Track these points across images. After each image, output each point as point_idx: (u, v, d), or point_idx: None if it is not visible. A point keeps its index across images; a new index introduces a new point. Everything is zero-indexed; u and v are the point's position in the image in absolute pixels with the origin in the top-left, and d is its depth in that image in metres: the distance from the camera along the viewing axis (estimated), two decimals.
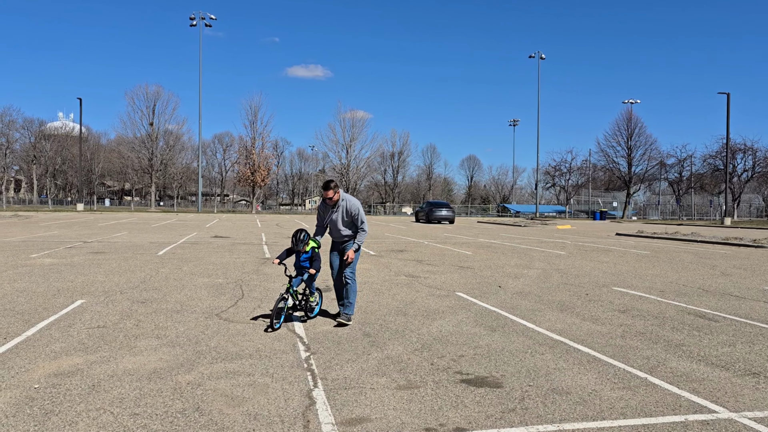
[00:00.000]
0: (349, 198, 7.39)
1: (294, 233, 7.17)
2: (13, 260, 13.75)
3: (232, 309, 8.21)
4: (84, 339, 6.40)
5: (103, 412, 4.29)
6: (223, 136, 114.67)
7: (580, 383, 5.14)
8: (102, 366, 5.42)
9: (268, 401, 4.56)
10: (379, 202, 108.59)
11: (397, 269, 13.26)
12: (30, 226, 30.10)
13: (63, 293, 9.23)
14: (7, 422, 4.08)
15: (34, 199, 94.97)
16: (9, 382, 4.91)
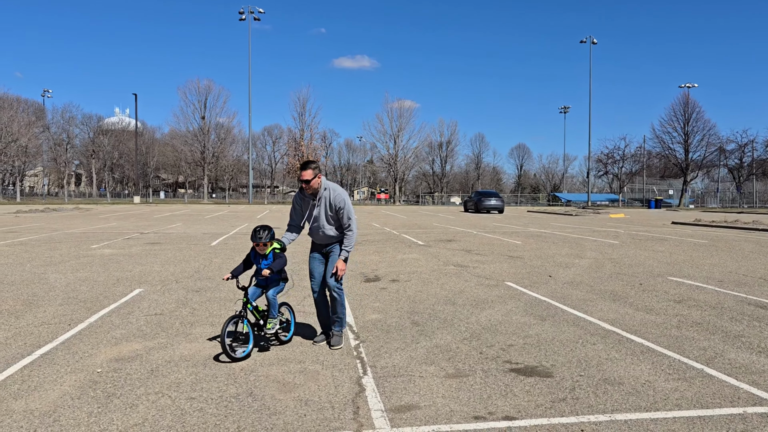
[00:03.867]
0: (333, 187, 5.87)
1: (254, 229, 5.74)
2: (75, 251, 14.34)
3: (282, 297, 8.35)
4: (142, 326, 6.64)
5: (161, 396, 4.45)
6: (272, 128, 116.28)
7: (633, 374, 5.04)
8: (160, 352, 5.62)
9: (318, 388, 4.65)
10: (427, 192, 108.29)
11: (445, 259, 13.23)
12: (90, 218, 31.29)
13: (122, 282, 9.58)
14: (73, 404, 4.28)
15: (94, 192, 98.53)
16: (74, 366, 5.15)
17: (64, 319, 6.93)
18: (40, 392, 4.51)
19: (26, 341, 5.95)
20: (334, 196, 5.79)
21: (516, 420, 4.02)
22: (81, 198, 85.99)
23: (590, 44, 73.06)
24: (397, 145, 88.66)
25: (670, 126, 74.02)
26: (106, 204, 64.15)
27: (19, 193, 76.79)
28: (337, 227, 5.88)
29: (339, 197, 5.78)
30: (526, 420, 4.02)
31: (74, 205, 54.43)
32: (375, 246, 16.26)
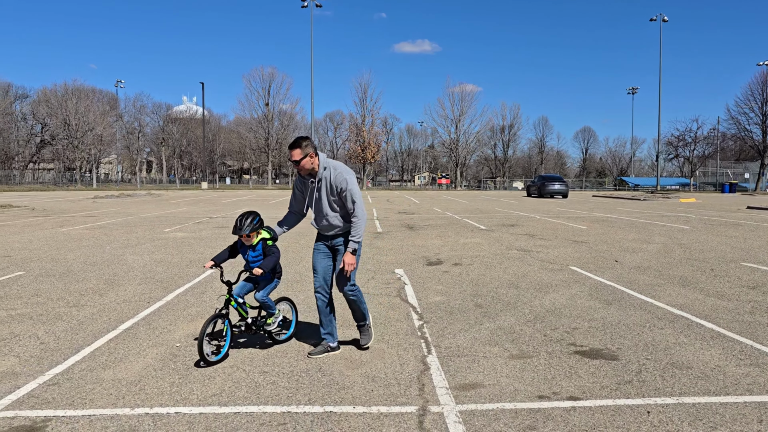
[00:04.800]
0: (334, 165, 5.03)
1: (239, 216, 5.06)
2: (150, 234, 15.04)
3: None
4: (216, 304, 6.96)
5: (236, 369, 4.70)
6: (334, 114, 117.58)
7: (703, 358, 4.95)
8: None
9: (384, 365, 4.79)
10: (489, 176, 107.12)
11: (508, 243, 13.16)
12: (161, 203, 32.59)
13: (194, 264, 10.02)
14: (156, 375, 4.58)
15: (164, 178, 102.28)
16: (155, 341, 5.48)
17: (143, 297, 7.34)
18: (126, 363, 4.84)
19: (110, 317, 6.35)
20: (335, 176, 4.96)
21: (580, 400, 4.04)
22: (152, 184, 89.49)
23: (660, 22, 70.16)
24: (458, 130, 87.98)
25: (746, 106, 70.47)
26: (175, 190, 66.57)
27: (96, 180, 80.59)
28: (343, 214, 5.04)
29: (340, 177, 4.95)
30: (590, 401, 4.04)
31: (146, 191, 56.75)
32: (437, 230, 16.32)
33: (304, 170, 4.97)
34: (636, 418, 3.75)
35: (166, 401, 4.04)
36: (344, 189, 4.93)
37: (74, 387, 4.31)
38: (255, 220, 4.97)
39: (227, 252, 5.16)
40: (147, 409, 3.90)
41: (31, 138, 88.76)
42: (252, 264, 5.06)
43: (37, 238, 13.88)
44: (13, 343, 5.40)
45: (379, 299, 7.23)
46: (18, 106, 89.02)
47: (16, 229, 16.45)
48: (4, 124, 76.51)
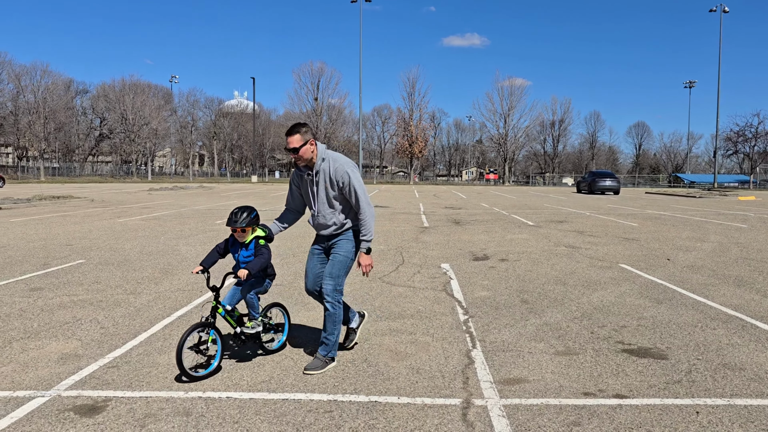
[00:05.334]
0: (334, 157, 4.57)
1: (235, 209, 4.63)
2: (202, 225, 15.46)
3: (394, 273, 8.63)
4: (273, 295, 7.13)
5: (284, 358, 4.83)
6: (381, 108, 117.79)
7: (757, 360, 4.82)
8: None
9: (429, 358, 4.84)
10: (538, 172, 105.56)
11: (556, 240, 13.00)
12: (213, 195, 33.39)
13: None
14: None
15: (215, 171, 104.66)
16: None
17: (195, 286, 7.59)
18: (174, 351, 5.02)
19: (165, 304, 6.59)
20: (335, 168, 4.50)
21: (627, 398, 4.01)
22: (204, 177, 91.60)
23: (721, 13, 67.63)
24: (507, 125, 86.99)
25: None
26: (226, 183, 68.02)
27: (150, 172, 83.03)
28: (343, 210, 4.61)
29: (341, 170, 4.49)
30: (637, 399, 4.00)
31: (198, 184, 58.16)
32: (484, 226, 16.24)
33: (302, 160, 4.50)
34: (684, 418, 3.70)
35: (218, 386, 4.19)
36: (346, 183, 4.49)
37: (132, 370, 4.51)
38: (252, 215, 4.57)
39: (216, 254, 4.67)
40: (200, 393, 4.05)
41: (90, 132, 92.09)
42: (243, 264, 4.61)
43: (96, 228, 14.45)
44: (75, 327, 5.68)
45: (424, 293, 7.28)
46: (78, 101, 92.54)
47: (77, 219, 17.15)
48: (65, 119, 79.57)
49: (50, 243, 11.61)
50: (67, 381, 4.27)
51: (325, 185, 4.54)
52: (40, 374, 4.38)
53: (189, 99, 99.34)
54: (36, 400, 3.90)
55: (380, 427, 3.53)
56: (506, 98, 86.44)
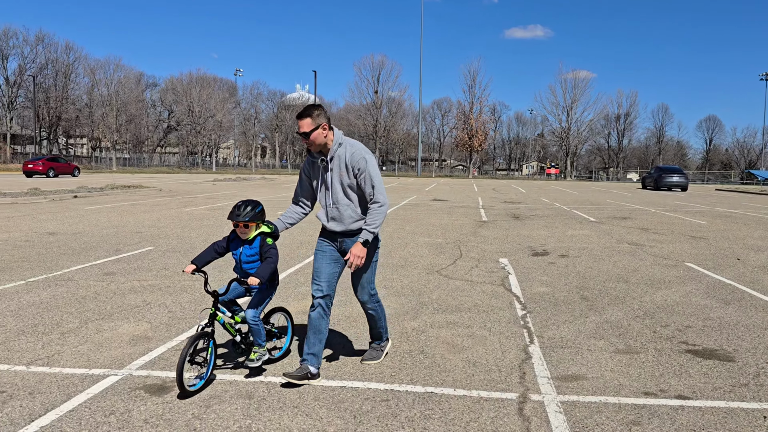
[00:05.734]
0: (351, 143, 4.21)
1: (239, 202, 4.20)
2: None
3: (451, 267, 8.63)
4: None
5: (342, 347, 4.93)
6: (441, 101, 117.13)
7: None
8: (340, 308, 6.16)
9: (485, 351, 4.84)
10: (601, 167, 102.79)
11: (619, 236, 12.69)
12: (274, 187, 34.09)
13: (304, 246, 10.48)
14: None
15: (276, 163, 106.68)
16: None
17: None
18: None
19: None
20: (351, 154, 4.14)
21: (690, 400, 3.91)
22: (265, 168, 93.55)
23: None
24: (570, 118, 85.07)
25: None
26: (287, 174, 69.29)
27: (215, 164, 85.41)
28: (360, 203, 4.21)
29: (358, 155, 4.13)
30: (701, 401, 3.89)
31: (260, 175, 59.49)
32: (544, 221, 15.99)
33: (314, 146, 4.11)
34: (750, 422, 3.58)
35: (279, 371, 4.33)
36: (362, 169, 4.10)
37: None
38: (258, 209, 4.14)
39: (212, 251, 4.19)
40: (261, 378, 4.20)
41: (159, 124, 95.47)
42: (245, 264, 4.18)
43: (164, 217, 15.03)
44: (145, 310, 5.96)
45: (482, 287, 7.26)
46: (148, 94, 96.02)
47: (146, 208, 17.87)
48: (136, 111, 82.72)
49: (121, 230, 12.15)
50: (138, 361, 4.49)
51: (340, 172, 4.15)
52: (114, 354, 4.62)
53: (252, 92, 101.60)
54: (110, 378, 4.13)
55: (436, 418, 3.58)
56: (569, 91, 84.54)
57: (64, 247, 9.85)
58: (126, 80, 79.86)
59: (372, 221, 4.10)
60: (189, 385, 3.84)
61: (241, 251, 4.19)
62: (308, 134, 4.05)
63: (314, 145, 4.11)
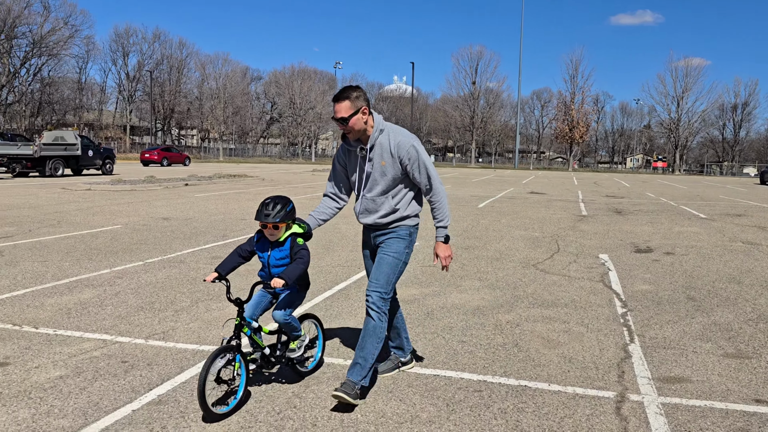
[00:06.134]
0: (394, 130, 3.76)
1: (266, 200, 3.67)
2: None
3: (548, 261, 8.47)
4: (418, 275, 7.36)
5: (436, 336, 4.99)
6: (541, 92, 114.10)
7: None
8: (434, 298, 6.21)
9: (582, 348, 4.74)
10: (714, 161, 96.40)
11: (731, 235, 11.92)
12: None
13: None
14: None
15: None
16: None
17: (354, 263, 8.01)
18: (340, 320, 5.38)
19: (327, 278, 7.05)
20: (398, 142, 3.67)
21: None
22: None
23: None
24: (680, 108, 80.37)
25: None
26: None
27: (314, 154, 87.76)
28: (398, 196, 3.77)
29: (405, 143, 3.66)
30: None
31: None
32: (648, 216, 15.28)
33: (353, 132, 3.66)
34: None
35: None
36: (413, 159, 3.66)
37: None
38: (289, 207, 3.64)
39: (237, 257, 3.75)
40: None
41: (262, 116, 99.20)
42: (275, 269, 3.71)
43: None
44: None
45: (580, 283, 7.08)
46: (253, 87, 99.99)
47: (250, 196, 18.70)
48: (242, 103, 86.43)
49: (228, 217, 12.81)
50: (245, 340, 4.75)
51: (382, 162, 3.69)
52: (222, 333, 4.91)
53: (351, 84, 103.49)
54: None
55: (529, 411, 3.56)
56: (680, 80, 79.81)
57: (177, 231, 10.52)
58: (233, 74, 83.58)
59: (442, 215, 3.80)
60: (216, 405, 3.40)
61: (269, 254, 3.71)
62: (346, 120, 3.60)
63: (353, 132, 3.66)
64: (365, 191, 3.78)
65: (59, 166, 28.63)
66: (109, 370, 4.08)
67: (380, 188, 3.72)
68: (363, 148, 3.73)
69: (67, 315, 5.35)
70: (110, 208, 14.24)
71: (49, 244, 9.01)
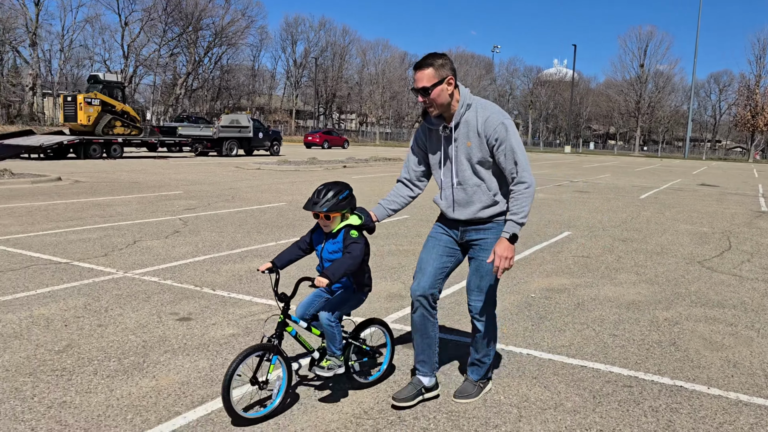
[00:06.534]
0: (483, 104, 3.21)
1: (320, 186, 3.29)
2: None
3: (717, 258, 7.84)
4: (570, 264, 7.17)
5: (585, 327, 4.87)
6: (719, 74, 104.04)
7: None
8: (585, 289, 6.04)
9: (750, 354, 4.39)
10: None
11: None
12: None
13: (552, 224, 10.35)
14: (511, 318, 5.05)
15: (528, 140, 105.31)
16: (512, 289, 5.98)
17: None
18: None
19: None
20: (485, 120, 3.14)
21: None
22: None
23: None
24: None
25: None
26: (538, 152, 68.14)
27: None
28: (495, 184, 3.23)
29: (494, 121, 3.13)
30: None
31: None
32: None
33: (436, 106, 3.15)
34: None
35: (519, 342, 4.45)
36: (501, 139, 3.12)
37: (446, 315, 5.05)
38: (342, 195, 3.24)
39: (296, 249, 3.41)
40: (502, 345, 4.36)
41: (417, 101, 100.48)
42: (328, 264, 3.32)
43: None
44: (400, 271, 6.52)
45: (752, 284, 6.49)
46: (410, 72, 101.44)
47: None
48: (399, 88, 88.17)
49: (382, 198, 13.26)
50: (394, 315, 4.99)
51: (469, 143, 3.19)
52: (373, 306, 5.18)
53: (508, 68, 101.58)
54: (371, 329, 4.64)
55: (684, 413, 3.39)
56: None
57: None
58: (391, 60, 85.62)
59: (519, 208, 3.10)
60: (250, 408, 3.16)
61: (323, 247, 3.35)
62: (428, 90, 3.08)
63: (435, 106, 3.15)
64: (450, 179, 3.28)
65: (234, 147, 31.32)
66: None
67: (468, 173, 3.22)
68: (446, 127, 3.23)
69: (239, 281, 5.93)
70: (276, 187, 15.37)
71: (224, 216, 9.97)
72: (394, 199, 3.53)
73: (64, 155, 24.36)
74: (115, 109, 26.80)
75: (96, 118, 25.86)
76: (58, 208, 10.31)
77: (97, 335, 4.32)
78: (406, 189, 3.53)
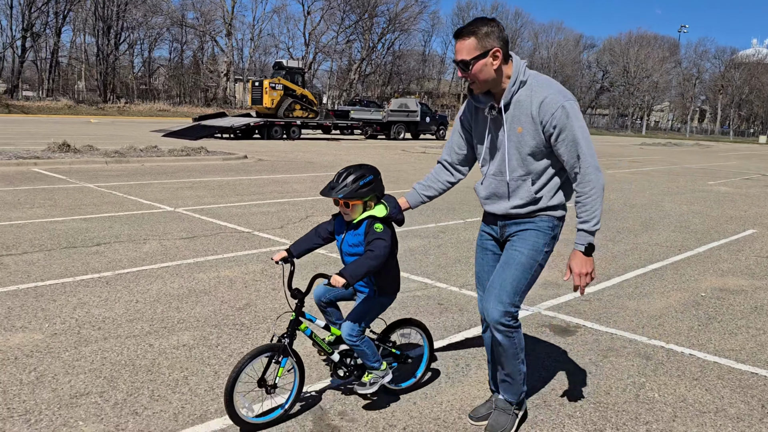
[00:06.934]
0: (541, 81, 2.63)
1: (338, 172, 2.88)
2: (692, 185, 14.76)
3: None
4: (751, 265, 6.59)
5: (761, 333, 4.49)
6: None
7: None
8: (766, 293, 5.53)
9: None
10: None
11: None
12: (709, 155, 30.93)
13: (735, 220, 9.50)
14: (676, 316, 4.79)
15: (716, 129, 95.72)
16: (680, 286, 5.66)
17: (674, 244, 7.50)
18: (649, 299, 5.20)
19: (641, 256, 6.78)
20: (542, 101, 2.57)
21: None
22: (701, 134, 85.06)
23: None
24: None
25: None
26: (726, 142, 61.83)
27: (645, 127, 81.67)
28: (540, 176, 2.71)
29: (553, 103, 2.55)
30: None
31: (694, 141, 54.56)
32: None
33: (479, 83, 2.61)
34: None
35: (682, 341, 4.24)
36: (561, 126, 2.56)
37: (602, 307, 4.93)
38: (364, 181, 2.81)
39: (315, 236, 3.04)
40: (663, 343, 4.19)
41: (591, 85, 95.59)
42: (348, 257, 2.96)
43: None
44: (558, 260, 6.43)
45: None
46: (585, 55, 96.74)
47: None
48: (571, 72, 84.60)
49: None
50: (547, 303, 4.97)
51: (520, 128, 2.64)
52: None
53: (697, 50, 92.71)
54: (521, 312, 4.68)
55: None
56: None
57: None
58: (565, 42, 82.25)
59: (590, 215, 2.60)
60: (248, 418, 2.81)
61: (343, 238, 2.98)
62: (468, 64, 2.55)
63: (478, 83, 2.62)
64: (494, 167, 2.79)
65: (401, 131, 32.22)
66: (428, 308, 4.70)
67: (515, 163, 2.70)
68: (494, 107, 2.68)
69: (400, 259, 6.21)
70: None
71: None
72: (430, 184, 3.05)
73: (250, 135, 26.67)
74: (295, 93, 28.80)
75: (279, 101, 28.00)
76: (243, 183, 11.43)
77: (270, 297, 4.82)
78: (446, 173, 3.04)
